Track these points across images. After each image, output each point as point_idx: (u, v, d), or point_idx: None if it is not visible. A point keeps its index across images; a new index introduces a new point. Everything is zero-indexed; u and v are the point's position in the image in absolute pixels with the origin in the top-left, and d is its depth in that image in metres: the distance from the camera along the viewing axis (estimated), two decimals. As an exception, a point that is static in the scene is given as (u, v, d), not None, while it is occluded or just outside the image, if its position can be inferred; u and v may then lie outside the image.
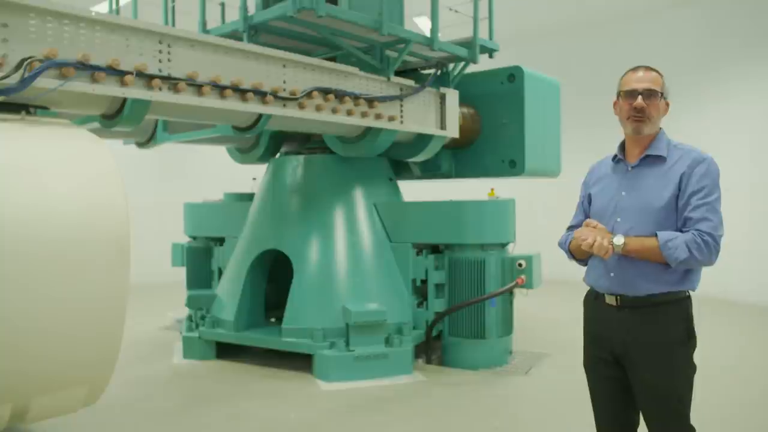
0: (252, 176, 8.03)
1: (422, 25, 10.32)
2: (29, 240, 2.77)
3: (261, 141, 6.82)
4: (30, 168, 2.92)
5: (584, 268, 2.87)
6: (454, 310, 5.87)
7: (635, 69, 2.72)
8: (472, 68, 6.57)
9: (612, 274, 2.63)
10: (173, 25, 6.35)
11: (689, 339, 2.57)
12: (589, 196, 2.90)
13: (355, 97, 5.21)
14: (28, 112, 3.40)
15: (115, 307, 3.12)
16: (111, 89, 3.67)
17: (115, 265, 3.08)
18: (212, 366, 6.03)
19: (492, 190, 6.49)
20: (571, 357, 6.29)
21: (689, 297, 2.61)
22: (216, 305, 6.34)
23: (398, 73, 6.02)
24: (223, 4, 6.74)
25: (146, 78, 3.82)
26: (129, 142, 7.00)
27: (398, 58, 5.73)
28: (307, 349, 5.62)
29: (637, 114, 2.62)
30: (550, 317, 8.31)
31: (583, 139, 11.36)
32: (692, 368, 2.58)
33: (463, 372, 5.78)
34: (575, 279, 11.29)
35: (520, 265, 5.86)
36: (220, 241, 7.24)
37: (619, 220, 2.63)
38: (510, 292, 5.98)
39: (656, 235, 2.49)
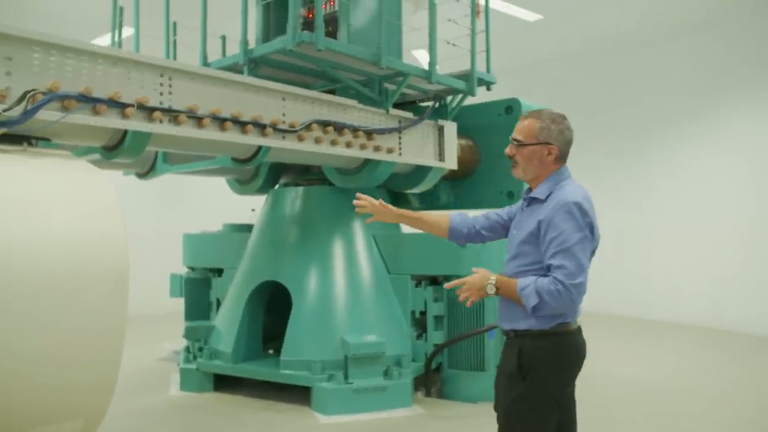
0: (251, 207, 8.05)
1: (420, 58, 10.45)
2: (28, 270, 2.77)
3: (260, 172, 6.85)
4: (30, 199, 2.93)
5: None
6: (454, 342, 5.84)
7: (522, 117, 2.88)
8: (470, 100, 6.64)
9: (499, 309, 2.86)
10: (174, 58, 6.43)
11: (524, 376, 2.67)
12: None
13: (354, 129, 5.26)
14: (30, 144, 3.44)
15: (112, 339, 3.11)
16: (112, 121, 3.71)
17: (114, 296, 3.07)
18: (210, 398, 5.97)
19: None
20: (577, 388, 6.26)
21: (539, 335, 2.68)
22: (214, 337, 6.30)
23: (397, 106, 6.09)
24: (223, 38, 6.83)
25: (147, 110, 3.87)
26: (129, 173, 7.03)
27: (397, 90, 5.79)
28: (305, 382, 5.58)
29: (511, 160, 2.85)
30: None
31: (582, 169, 11.43)
32: (527, 405, 2.67)
33: (462, 405, 5.72)
34: (590, 310, 11.23)
35: (519, 296, 5.83)
36: (219, 271, 7.23)
37: (508, 257, 2.85)
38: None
39: (516, 280, 2.67)
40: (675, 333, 9.63)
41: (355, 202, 3.26)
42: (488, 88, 6.75)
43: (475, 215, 3.18)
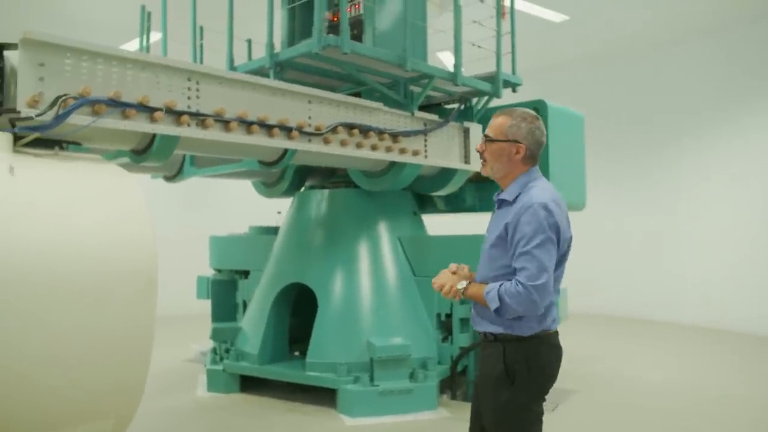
0: (277, 210, 8.10)
1: (445, 60, 10.42)
2: (60, 272, 2.82)
3: (286, 175, 6.89)
4: (62, 202, 2.98)
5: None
6: (472, 349, 5.81)
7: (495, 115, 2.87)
8: (495, 102, 6.60)
9: (472, 311, 2.84)
10: (201, 62, 6.50)
11: (512, 381, 2.64)
12: None
13: (380, 132, 5.26)
14: (62, 148, 3.49)
15: (142, 340, 3.15)
16: (141, 125, 3.75)
17: (143, 298, 3.11)
18: (236, 399, 6.02)
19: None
20: (601, 394, 6.23)
21: (519, 339, 2.66)
22: (240, 338, 6.35)
23: (422, 108, 6.08)
24: (249, 41, 6.89)
25: (175, 114, 3.90)
26: (157, 176, 7.11)
27: (422, 93, 5.78)
28: (330, 384, 5.59)
29: (480, 157, 2.84)
30: (577, 353, 8.17)
31: (608, 171, 11.34)
32: (515, 409, 2.66)
33: (487, 408, 5.69)
34: (601, 313, 11.25)
35: (545, 299, 5.79)
36: (245, 274, 7.28)
37: (480, 260, 2.82)
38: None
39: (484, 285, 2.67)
40: (705, 337, 9.50)
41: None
42: (514, 90, 6.71)
43: None
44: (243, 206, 10.50)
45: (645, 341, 9.30)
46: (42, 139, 3.34)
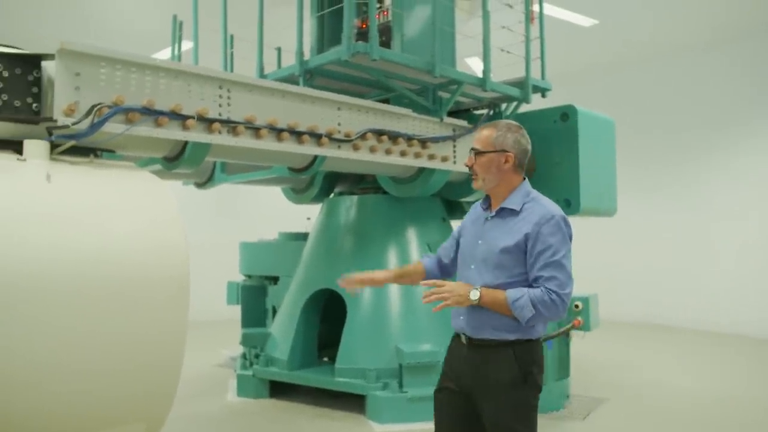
0: (306, 216, 8.15)
1: (474, 65, 10.41)
2: (95, 279, 2.86)
3: (315, 181, 6.93)
4: (98, 209, 3.03)
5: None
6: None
7: (479, 129, 2.99)
8: (524, 107, 6.57)
9: (461, 317, 2.85)
10: (232, 70, 6.57)
11: (525, 381, 2.72)
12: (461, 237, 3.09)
13: (409, 138, 5.27)
14: (96, 156, 3.55)
15: (174, 345, 3.18)
16: (173, 133, 3.80)
17: (175, 304, 3.15)
18: (266, 404, 6.05)
19: (546, 230, 6.40)
20: (632, 402, 6.15)
21: (529, 341, 2.75)
22: (270, 344, 6.39)
23: (451, 114, 6.07)
24: (279, 49, 6.95)
25: (207, 122, 3.95)
26: (188, 183, 7.20)
27: (451, 99, 5.78)
28: (359, 390, 5.59)
29: (470, 171, 2.89)
30: (608, 360, 8.09)
31: (637, 176, 11.20)
32: (530, 407, 2.77)
33: (518, 416, 5.64)
34: (631, 320, 11.11)
35: (576, 306, 5.74)
36: (275, 279, 7.33)
37: (473, 267, 2.84)
38: (566, 335, 5.86)
39: (505, 292, 2.68)
40: (737, 344, 9.32)
41: (343, 284, 3.29)
42: (543, 95, 6.68)
43: (439, 251, 3.25)
44: (272, 212, 10.58)
45: (676, 348, 9.15)
46: (77, 147, 3.40)
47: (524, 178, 2.91)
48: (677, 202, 11.29)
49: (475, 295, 2.69)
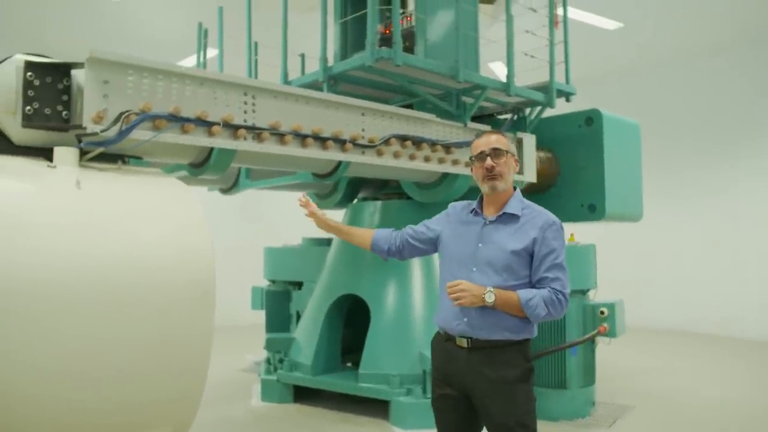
0: (330, 221, 8.16)
1: (497, 70, 10.38)
2: (123, 284, 2.90)
3: (339, 187, 6.95)
4: (125, 214, 3.07)
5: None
6: (534, 358, 5.71)
7: (482, 135, 3.05)
8: (548, 112, 6.54)
9: (465, 320, 2.87)
10: (256, 77, 6.62)
11: (529, 376, 2.88)
12: (440, 234, 3.16)
13: (432, 144, 5.26)
14: (124, 162, 3.59)
15: (200, 350, 3.20)
16: (199, 139, 3.84)
17: (201, 309, 3.17)
18: (290, 409, 6.07)
19: (572, 235, 6.36)
20: (659, 410, 6.06)
21: (528, 340, 2.92)
22: (294, 349, 6.41)
23: (474, 119, 6.06)
24: (303, 56, 6.99)
25: (232, 128, 3.98)
26: (213, 189, 7.27)
27: (474, 104, 5.77)
28: (383, 395, 5.59)
29: (489, 173, 2.92)
30: (635, 367, 8.00)
31: (663, 180, 11.07)
32: (533, 400, 2.90)
33: (543, 423, 5.52)
34: (658, 326, 10.99)
35: (602, 312, 5.69)
36: (299, 285, 7.36)
37: (475, 270, 2.88)
38: (592, 341, 5.81)
39: (517, 293, 2.78)
40: (767, 352, 9.16)
41: (299, 199, 3.49)
42: (568, 99, 6.64)
43: (403, 229, 3.35)
44: (296, 218, 10.57)
45: (703, 356, 9.02)
46: (106, 154, 3.45)
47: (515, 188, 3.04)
48: (704, 207, 11.15)
49: (490, 297, 2.75)
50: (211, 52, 7.52)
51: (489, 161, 2.91)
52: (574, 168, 6.55)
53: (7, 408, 2.70)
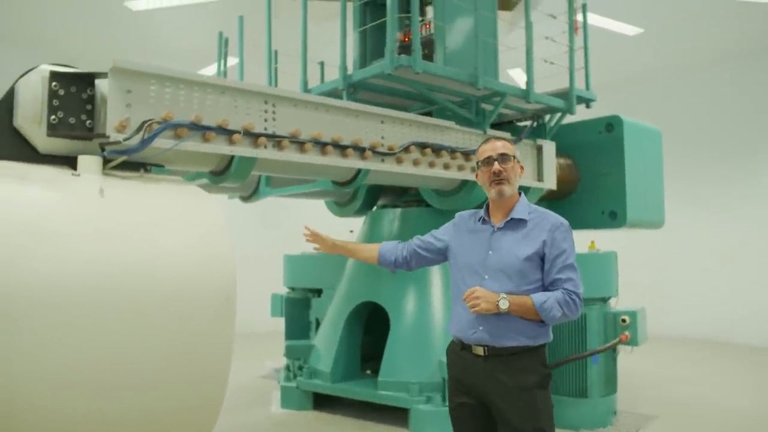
0: (349, 229, 8.18)
1: (516, 77, 10.35)
2: (146, 291, 2.92)
3: (358, 194, 6.96)
4: (148, 222, 3.10)
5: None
6: (554, 366, 5.65)
7: (488, 140, 3.06)
8: (569, 118, 6.51)
9: (481, 328, 2.86)
10: (276, 85, 6.66)
11: (547, 383, 2.86)
12: (448, 244, 3.18)
13: (452, 151, 5.25)
14: (146, 170, 3.63)
15: (221, 357, 3.22)
16: (220, 148, 3.86)
17: (222, 316, 3.19)
18: (309, 417, 6.07)
19: (592, 242, 6.32)
20: (682, 420, 5.98)
21: (545, 346, 2.91)
22: (313, 356, 6.41)
23: (494, 126, 6.05)
24: (322, 64, 7.03)
25: (253, 136, 4.00)
26: (234, 197, 7.31)
27: (494, 111, 5.75)
28: (403, 403, 5.57)
29: (497, 178, 2.93)
30: (657, 376, 7.91)
31: (684, 187, 10.96)
32: (551, 406, 2.88)
33: (564, 432, 5.55)
34: (680, 334, 10.86)
35: (623, 320, 5.64)
36: (318, 292, 7.37)
37: (486, 277, 2.88)
38: (613, 349, 5.75)
39: (531, 297, 2.78)
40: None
41: (304, 234, 3.58)
42: (588, 106, 6.61)
43: (409, 241, 3.38)
44: (316, 225, 10.58)
45: (727, 364, 8.89)
46: (128, 162, 3.48)
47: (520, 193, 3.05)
48: (726, 214, 11.01)
49: (504, 303, 2.75)
50: (231, 61, 7.58)
51: (497, 165, 2.92)
52: (594, 175, 6.51)
53: (30, 416, 2.73)
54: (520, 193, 3.04)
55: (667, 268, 11.45)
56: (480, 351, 2.87)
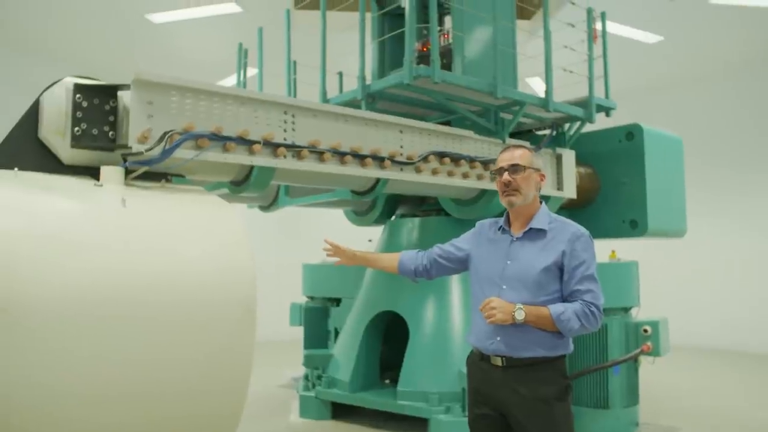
0: (368, 238, 8.19)
1: (535, 85, 10.33)
2: (168, 302, 2.94)
3: (377, 204, 6.97)
4: (169, 232, 3.12)
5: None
6: (575, 377, 5.60)
7: (506, 149, 3.04)
8: (588, 127, 6.47)
9: (498, 338, 2.84)
10: (295, 95, 6.70)
11: (567, 394, 2.83)
12: (469, 253, 3.17)
13: (471, 160, 5.25)
14: (167, 180, 3.66)
15: (241, 367, 3.23)
16: (241, 158, 3.89)
17: (243, 326, 3.20)
18: (328, 426, 6.07)
19: (613, 251, 6.27)
20: (706, 431, 5.89)
21: (564, 357, 2.87)
22: (332, 365, 6.41)
23: (513, 135, 6.03)
24: (341, 74, 7.06)
25: (272, 146, 4.03)
26: (253, 206, 7.35)
27: (513, 120, 5.74)
28: (422, 413, 5.54)
29: (506, 188, 2.91)
30: (680, 387, 7.80)
31: (706, 196, 10.84)
32: (571, 417, 2.85)
33: (585, 443, 5.49)
34: (701, 345, 10.74)
35: (645, 331, 5.58)
36: (337, 301, 7.38)
37: (505, 287, 2.86)
38: (635, 360, 5.69)
39: (548, 308, 2.75)
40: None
41: (324, 248, 3.58)
42: (607, 114, 6.57)
43: (430, 249, 3.37)
44: (334, 235, 10.60)
45: (751, 376, 8.75)
46: (150, 172, 3.52)
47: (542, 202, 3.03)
48: (749, 223, 10.88)
49: (520, 314, 2.73)
50: (251, 72, 7.64)
51: (506, 176, 2.91)
52: (614, 183, 6.47)
53: (53, 426, 2.75)
54: (541, 202, 3.01)
55: (689, 278, 11.32)
56: (498, 362, 2.85)
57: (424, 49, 5.76)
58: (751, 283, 10.66)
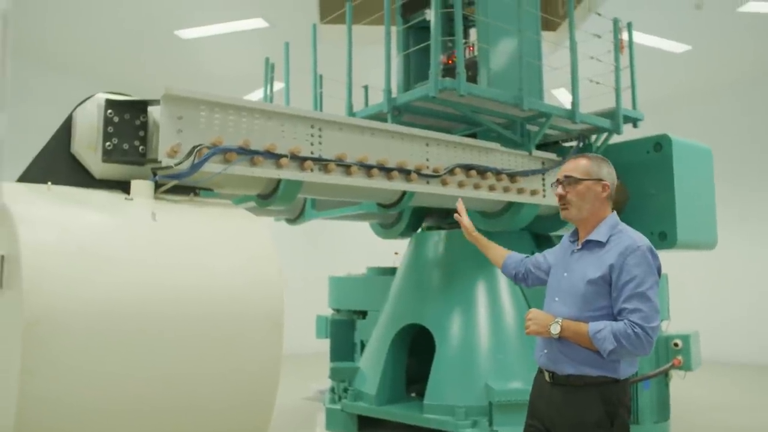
0: (394, 251, 8.19)
1: (560, 96, 10.28)
2: (197, 315, 2.97)
3: (403, 216, 6.97)
4: (198, 246, 3.16)
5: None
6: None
7: (568, 159, 2.99)
8: (615, 138, 6.42)
9: (545, 351, 2.81)
10: (321, 109, 6.75)
11: (612, 424, 2.63)
12: (551, 263, 3.14)
13: (497, 173, 5.23)
14: (196, 194, 3.71)
15: (268, 381, 3.24)
16: (268, 171, 3.93)
17: (271, 339, 3.22)
18: (354, 440, 6.05)
19: (642, 263, 6.18)
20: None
21: (616, 382, 2.67)
22: (358, 378, 6.40)
23: (539, 147, 6.00)
24: (366, 88, 7.09)
25: (299, 160, 4.06)
26: (279, 219, 7.40)
27: (539, 132, 5.71)
28: (449, 427, 5.49)
29: (560, 201, 2.89)
30: (711, 402, 7.65)
31: (736, 207, 10.66)
32: None
33: (614, 459, 5.40)
34: (734, 360, 10.56)
35: (676, 345, 5.49)
36: (363, 314, 7.37)
37: (557, 299, 2.83)
38: (666, 374, 5.60)
39: (588, 324, 2.64)
40: None
41: (456, 216, 3.70)
42: (635, 125, 6.51)
43: (529, 257, 3.35)
44: (360, 247, 10.69)
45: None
46: (178, 186, 3.57)
47: (612, 211, 2.91)
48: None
49: (555, 328, 2.69)
50: (277, 86, 7.71)
51: (559, 189, 2.89)
52: (643, 195, 6.38)
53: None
54: (613, 211, 2.93)
55: (720, 291, 11.13)
56: (547, 377, 2.83)
57: (450, 62, 5.78)
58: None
